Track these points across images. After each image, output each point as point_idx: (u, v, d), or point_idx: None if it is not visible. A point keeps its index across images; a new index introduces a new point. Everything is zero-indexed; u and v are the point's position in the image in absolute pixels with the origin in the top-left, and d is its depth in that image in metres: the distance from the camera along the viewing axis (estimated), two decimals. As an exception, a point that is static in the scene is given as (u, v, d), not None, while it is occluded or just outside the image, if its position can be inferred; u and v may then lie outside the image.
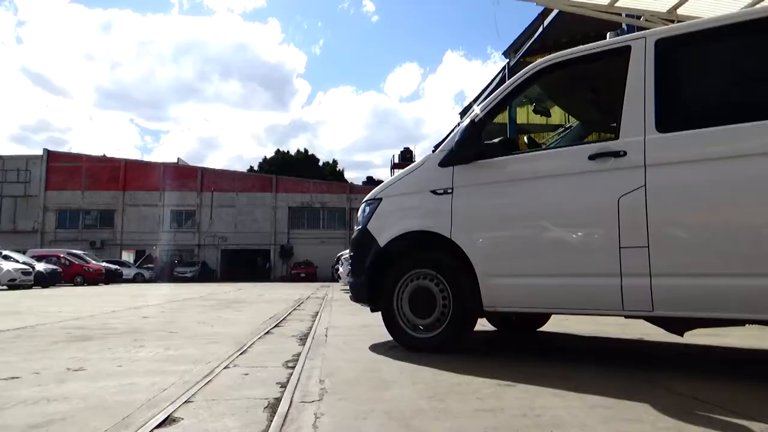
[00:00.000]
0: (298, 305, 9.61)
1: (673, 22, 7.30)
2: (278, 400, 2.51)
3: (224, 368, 3.31)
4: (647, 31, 3.36)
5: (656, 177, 3.02)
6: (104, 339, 4.78)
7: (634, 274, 3.03)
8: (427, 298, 3.78)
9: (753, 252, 2.77)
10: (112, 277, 29.18)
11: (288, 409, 2.34)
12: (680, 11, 7.31)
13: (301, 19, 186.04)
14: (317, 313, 7.74)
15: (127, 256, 43.20)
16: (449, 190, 3.74)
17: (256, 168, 64.25)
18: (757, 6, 6.47)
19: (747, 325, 2.98)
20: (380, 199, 4.14)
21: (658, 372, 3.14)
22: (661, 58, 3.18)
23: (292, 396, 2.57)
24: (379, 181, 40.69)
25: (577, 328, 5.37)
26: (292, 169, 57.25)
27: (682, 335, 3.28)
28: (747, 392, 2.65)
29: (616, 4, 7.29)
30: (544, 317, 5.12)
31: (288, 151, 67.16)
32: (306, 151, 68.05)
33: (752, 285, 2.75)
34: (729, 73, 3.31)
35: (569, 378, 2.93)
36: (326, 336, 4.88)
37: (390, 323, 3.93)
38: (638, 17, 7.64)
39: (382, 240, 3.96)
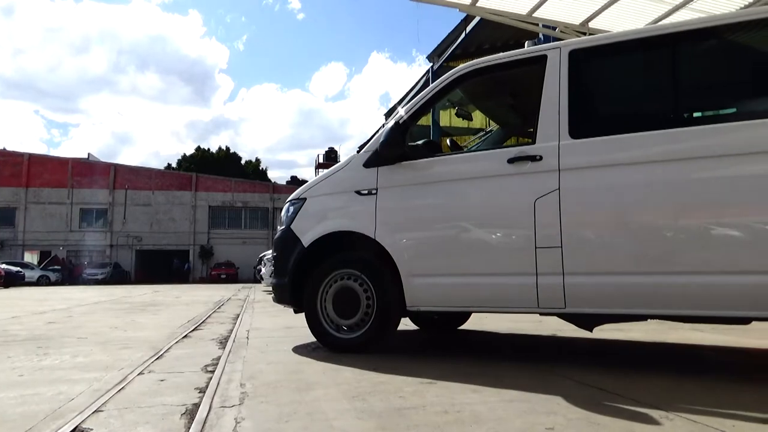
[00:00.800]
0: (218, 307, 9.33)
1: (585, 34, 7.73)
2: (197, 405, 2.42)
3: (138, 374, 3.16)
4: (562, 41, 3.53)
5: (569, 181, 3.18)
6: (3, 347, 4.43)
7: (549, 273, 3.18)
8: (351, 299, 3.79)
9: (655, 252, 2.98)
10: (12, 281, 27.05)
11: (207, 415, 2.27)
12: (592, 24, 7.74)
13: (224, 13, 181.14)
14: (238, 315, 7.55)
15: (31, 258, 40.23)
16: (373, 191, 3.76)
17: (174, 165, 61.78)
18: (661, 23, 6.97)
19: (648, 320, 3.21)
20: (304, 198, 4.10)
21: (570, 366, 3.31)
22: (574, 68, 3.35)
23: (212, 401, 2.50)
24: (304, 181, 40.27)
25: (495, 326, 5.56)
26: (213, 167, 55.52)
27: (591, 330, 3.47)
28: (648, 382, 2.84)
29: (533, 15, 7.62)
30: (465, 316, 5.27)
31: (209, 149, 65.00)
32: (228, 148, 66.23)
33: (654, 282, 2.97)
34: (636, 83, 3.55)
35: (488, 374, 3.03)
36: (248, 338, 4.77)
37: (313, 324, 3.90)
38: (554, 28, 8.03)
39: (306, 240, 3.93)
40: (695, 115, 3.40)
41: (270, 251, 9.79)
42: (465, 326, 5.32)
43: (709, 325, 4.69)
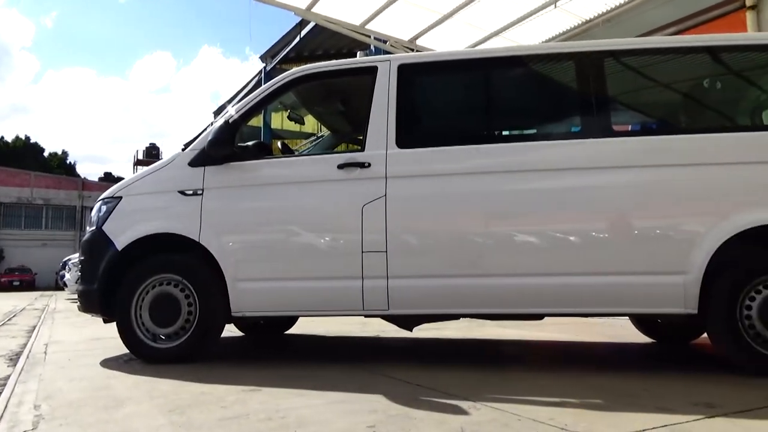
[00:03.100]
0: (9, 319, 8.13)
1: (413, 50, 8.21)
2: (-25, 434, 2.08)
3: None
4: (393, 55, 3.72)
5: (395, 188, 3.34)
6: None
7: (374, 276, 3.30)
8: (171, 306, 3.54)
9: (467, 256, 3.27)
10: None
11: (-12, 444, 1.95)
12: (420, 42, 8.25)
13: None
14: (35, 326, 6.65)
15: None
16: (199, 191, 3.57)
17: (-45, 153, 52.62)
18: (483, 46, 7.67)
19: (461, 318, 3.52)
20: (120, 197, 3.75)
21: (392, 365, 3.46)
22: (403, 81, 3.53)
23: (-4, 427, 2.16)
24: (119, 178, 36.89)
25: (322, 329, 5.62)
26: (8, 158, 48.33)
27: (411, 330, 3.68)
28: (460, 376, 3.09)
29: (366, 26, 7.90)
30: (292, 320, 5.24)
31: (3, 137, 56.56)
32: (28, 138, 58.26)
33: (466, 284, 3.25)
34: (457, 100, 3.86)
35: (313, 377, 3.05)
36: (45, 353, 4.22)
37: (126, 334, 3.57)
38: (385, 41, 8.40)
39: (121, 243, 3.59)
40: (506, 133, 3.81)
41: (77, 254, 8.78)
42: (292, 330, 5.30)
43: (512, 322, 5.24)
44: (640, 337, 4.60)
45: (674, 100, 3.96)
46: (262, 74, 20.37)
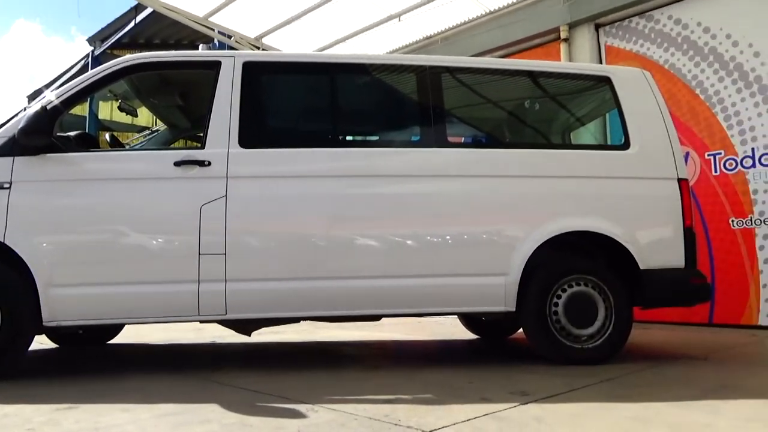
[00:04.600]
0: None
1: (259, 48, 8.04)
2: None
3: None
4: (238, 51, 3.61)
5: (235, 189, 3.24)
6: None
7: (211, 279, 3.17)
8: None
9: (308, 259, 3.29)
10: None
11: None
12: (266, 40, 8.10)
13: None
14: None
15: None
16: (6, 185, 3.13)
17: None
18: (329, 51, 7.75)
19: (301, 321, 3.52)
20: None
21: (228, 372, 3.35)
22: (248, 80, 3.44)
23: None
24: None
25: (154, 337, 5.24)
26: None
27: (249, 335, 3.59)
28: (298, 380, 3.08)
29: (210, 19, 7.55)
30: (117, 328, 4.81)
31: None
32: None
33: (307, 287, 3.27)
34: (302, 102, 3.87)
35: (140, 390, 2.83)
36: None
37: None
38: (230, 36, 8.11)
39: None
40: (349, 138, 3.90)
41: None
42: (117, 340, 4.87)
43: (351, 323, 5.36)
44: (467, 334, 4.98)
45: (501, 116, 4.39)
46: (89, 59, 18.49)
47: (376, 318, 3.56)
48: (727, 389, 2.79)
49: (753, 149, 5.16)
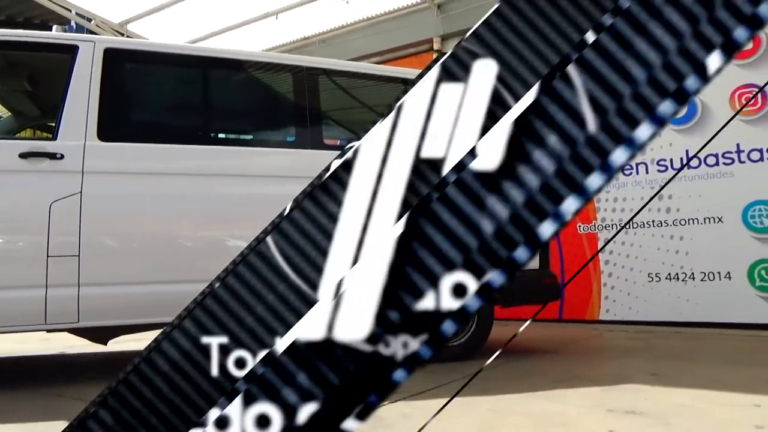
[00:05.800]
0: None
1: (123, 35, 7.49)
2: None
3: None
4: (99, 36, 3.34)
5: (92, 185, 2.99)
6: None
7: (62, 284, 2.88)
8: None
9: (170, 262, 3.12)
10: None
11: None
12: (131, 27, 7.57)
13: None
14: None
15: None
16: None
17: None
18: (202, 44, 7.40)
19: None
20: None
21: (80, 384, 3.07)
22: (109, 68, 3.19)
23: None
24: None
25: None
26: None
27: (106, 344, 3.32)
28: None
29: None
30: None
31: None
32: None
33: (167, 291, 3.05)
34: (170, 96, 3.65)
35: (-27, 409, 2.51)
36: None
37: None
38: (90, 20, 7.47)
39: None
40: (221, 135, 3.75)
41: None
42: (-56, 353, 4.27)
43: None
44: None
45: (370, 119, 4.48)
46: None
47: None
48: (574, 379, 3.08)
49: (597, 163, 5.75)
